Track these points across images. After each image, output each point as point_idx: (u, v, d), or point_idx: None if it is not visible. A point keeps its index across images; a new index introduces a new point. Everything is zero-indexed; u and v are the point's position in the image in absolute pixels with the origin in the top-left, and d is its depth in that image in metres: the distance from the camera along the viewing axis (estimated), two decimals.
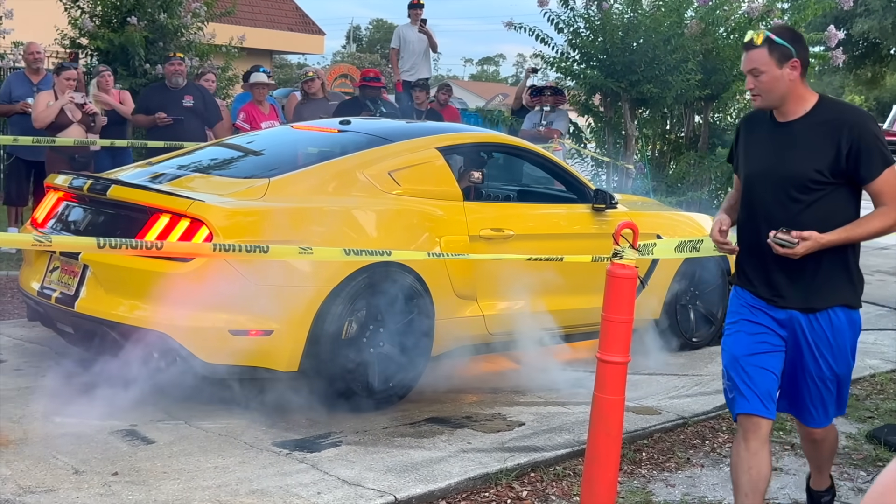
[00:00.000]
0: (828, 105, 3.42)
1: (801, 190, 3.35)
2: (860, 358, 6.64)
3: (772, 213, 3.41)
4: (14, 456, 4.15)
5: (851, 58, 28.63)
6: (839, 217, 3.35)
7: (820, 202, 3.35)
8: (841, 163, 3.30)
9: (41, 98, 8.58)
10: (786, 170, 3.38)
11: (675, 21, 10.82)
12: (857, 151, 3.28)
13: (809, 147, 3.35)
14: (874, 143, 3.30)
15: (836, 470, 4.59)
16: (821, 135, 3.34)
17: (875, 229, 3.35)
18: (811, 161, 3.34)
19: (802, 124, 3.39)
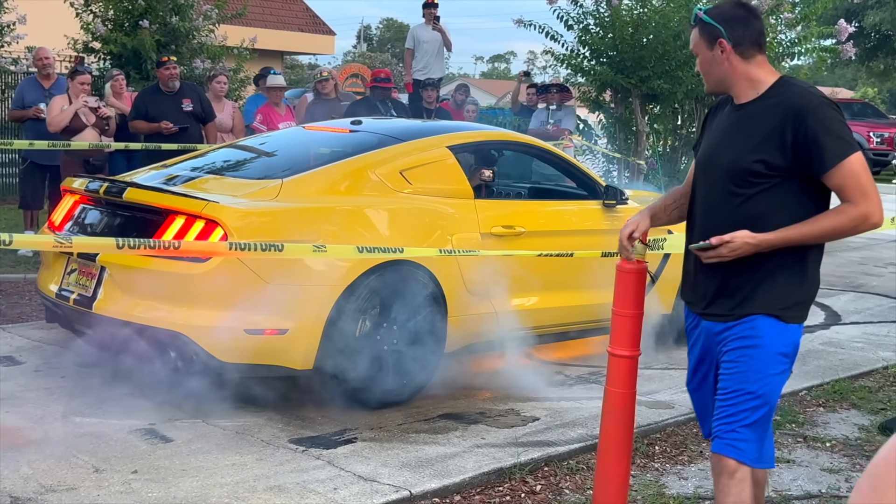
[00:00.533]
0: (780, 88, 2.99)
1: (739, 182, 2.96)
2: (873, 350, 6.72)
3: (708, 208, 3.07)
4: (35, 455, 4.22)
5: (863, 50, 28.54)
6: (786, 215, 2.93)
7: (759, 197, 2.95)
8: (786, 154, 2.90)
9: (55, 102, 8.67)
10: (725, 159, 3.01)
11: (684, 16, 10.81)
12: (803, 141, 2.87)
13: (751, 135, 2.96)
14: (826, 131, 2.86)
15: (849, 461, 4.62)
16: (764, 121, 2.95)
17: (824, 230, 2.90)
18: (752, 150, 2.95)
19: (750, 109, 3.01)
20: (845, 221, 2.89)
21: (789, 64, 12.36)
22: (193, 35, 12.28)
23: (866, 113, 24.21)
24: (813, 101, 2.90)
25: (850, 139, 2.92)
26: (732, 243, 2.91)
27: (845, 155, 2.87)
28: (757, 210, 2.95)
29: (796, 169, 2.92)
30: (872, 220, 2.89)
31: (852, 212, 2.89)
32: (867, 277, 9.92)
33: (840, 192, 2.91)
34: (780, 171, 2.92)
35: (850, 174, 2.88)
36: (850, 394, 5.70)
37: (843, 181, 2.89)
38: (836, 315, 7.97)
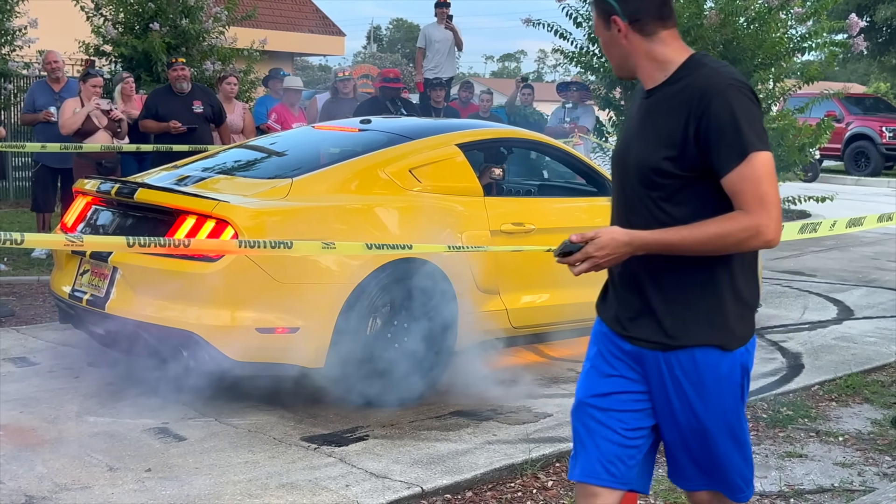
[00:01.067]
0: (688, 69, 2.51)
1: (649, 184, 2.50)
2: (885, 344, 6.69)
3: (623, 214, 2.61)
4: (50, 455, 4.25)
5: (875, 45, 28.37)
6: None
7: (673, 202, 2.49)
8: (689, 148, 2.42)
9: (68, 105, 8.71)
10: (633, 157, 2.56)
11: (694, 12, 10.81)
12: (706, 133, 2.40)
13: (658, 127, 2.50)
14: (730, 121, 2.38)
15: (862, 455, 4.62)
16: (670, 110, 2.48)
17: (709, 237, 2.40)
18: (659, 145, 2.48)
19: (658, 96, 2.55)
20: (734, 230, 2.39)
21: (800, 59, 12.34)
22: (203, 37, 12.32)
23: (878, 108, 24.09)
24: (720, 83, 2.42)
25: (759, 133, 2.41)
26: (599, 239, 2.45)
27: (747, 152, 2.38)
28: (673, 217, 2.47)
29: (707, 167, 2.44)
30: (765, 237, 2.39)
31: (743, 221, 2.39)
32: (880, 272, 9.88)
33: (735, 198, 2.40)
34: (691, 170, 2.45)
35: (749, 177, 2.38)
36: (863, 388, 5.68)
37: (741, 185, 2.38)
38: (848, 310, 7.95)
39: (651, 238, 2.44)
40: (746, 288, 2.56)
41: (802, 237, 4.53)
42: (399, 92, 10.57)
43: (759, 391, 5.54)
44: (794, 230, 4.45)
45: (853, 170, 22.50)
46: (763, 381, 5.76)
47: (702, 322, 2.51)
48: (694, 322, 2.51)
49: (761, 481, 4.26)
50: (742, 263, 2.55)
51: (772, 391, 5.56)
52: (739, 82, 2.44)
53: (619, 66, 2.64)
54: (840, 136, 21.71)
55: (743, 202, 2.39)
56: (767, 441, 4.78)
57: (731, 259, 2.51)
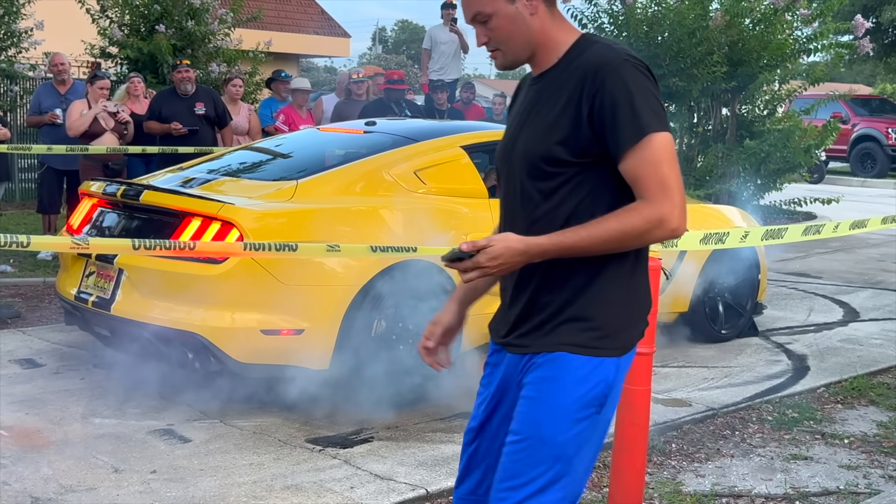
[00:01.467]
0: (580, 48, 2.29)
1: (537, 174, 2.28)
2: (891, 346, 6.68)
3: (510, 214, 2.38)
4: (56, 456, 4.26)
5: (881, 46, 28.32)
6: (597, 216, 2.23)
7: (563, 193, 2.26)
8: (583, 130, 2.21)
9: (75, 107, 8.73)
10: (521, 145, 2.33)
11: (699, 14, 10.81)
12: (600, 112, 2.18)
13: (548, 110, 2.28)
14: (626, 99, 2.17)
15: (867, 458, 4.61)
16: (561, 91, 2.26)
17: (610, 234, 2.18)
18: (549, 130, 2.26)
19: (548, 78, 2.32)
20: (637, 223, 2.16)
21: (806, 60, 12.33)
22: (209, 39, 12.34)
23: (884, 109, 24.06)
24: (615, 59, 2.21)
25: (657, 112, 2.21)
26: (491, 249, 2.17)
27: (644, 132, 2.16)
28: (562, 212, 2.26)
29: (602, 151, 2.23)
30: (670, 225, 2.18)
31: (645, 211, 2.16)
32: (886, 274, 9.86)
33: (634, 184, 2.20)
34: (584, 156, 2.23)
35: (648, 160, 2.17)
36: (869, 390, 5.67)
37: (640, 169, 2.17)
38: (854, 312, 7.94)
39: (548, 244, 2.19)
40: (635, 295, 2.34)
41: (807, 239, 4.53)
42: (404, 94, 10.57)
43: (765, 393, 5.54)
44: (798, 232, 4.45)
45: (859, 171, 22.47)
46: (768, 384, 5.75)
47: (579, 325, 2.28)
48: (571, 324, 2.28)
49: (766, 484, 4.26)
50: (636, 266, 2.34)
51: (777, 393, 5.55)
52: (635, 58, 2.23)
53: (524, 46, 2.30)
54: (846, 138, 21.70)
55: (643, 188, 2.18)
56: (773, 443, 4.78)
57: (626, 260, 2.30)
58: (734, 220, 6.90)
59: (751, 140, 11.43)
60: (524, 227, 2.27)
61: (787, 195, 12.46)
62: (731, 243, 4.37)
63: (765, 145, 11.25)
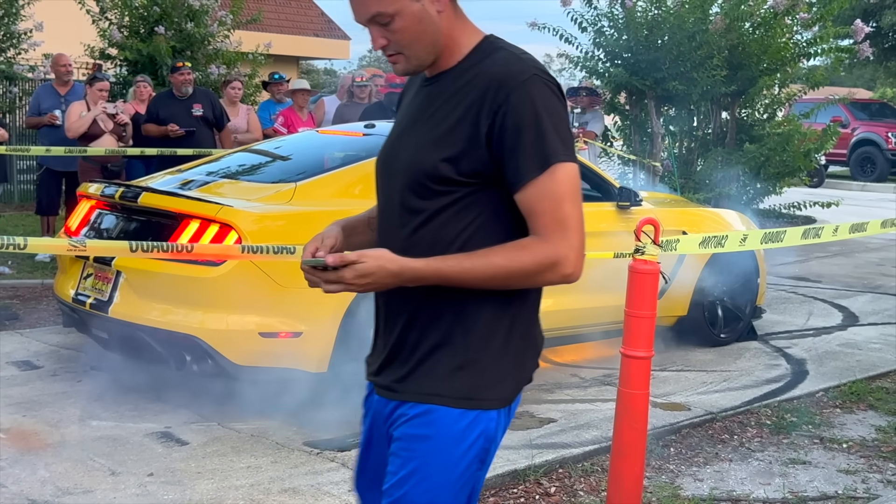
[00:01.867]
0: (482, 51, 2.02)
1: (420, 191, 2.00)
2: (890, 351, 6.67)
3: (385, 230, 2.11)
4: (52, 458, 4.25)
5: (881, 50, 28.36)
6: (488, 243, 1.96)
7: (448, 216, 1.99)
8: (478, 150, 1.94)
9: (74, 109, 8.73)
10: (404, 158, 2.05)
11: (699, 17, 10.81)
12: (501, 133, 1.92)
13: (439, 121, 2.00)
14: (535, 124, 1.91)
15: (866, 462, 4.60)
16: (458, 101, 1.98)
17: (495, 269, 1.92)
18: (436, 144, 1.98)
19: (441, 84, 2.04)
20: (526, 262, 1.92)
21: (806, 64, 12.33)
22: (208, 41, 12.35)
23: (884, 113, 24.07)
24: (523, 73, 1.93)
25: (565, 140, 1.94)
26: (361, 266, 1.90)
27: (550, 162, 1.91)
28: (444, 236, 1.99)
29: (496, 174, 1.97)
30: (564, 270, 1.93)
31: (538, 251, 1.92)
32: (885, 278, 9.85)
33: (530, 219, 1.94)
34: (476, 176, 1.96)
35: (550, 194, 1.91)
36: (867, 395, 5.66)
37: (539, 202, 1.92)
38: (853, 316, 7.93)
39: (425, 269, 1.93)
40: (522, 336, 2.07)
41: (806, 242, 4.52)
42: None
43: (764, 397, 5.53)
44: (797, 235, 4.44)
45: (859, 175, 22.48)
46: (767, 388, 5.74)
47: (453, 371, 2.00)
48: (444, 369, 2.00)
49: (765, 488, 4.25)
50: (525, 303, 2.05)
51: (776, 397, 5.55)
52: (544, 73, 1.96)
53: (423, 53, 2.01)
54: (846, 142, 21.71)
55: (539, 225, 1.92)
56: (771, 448, 4.77)
57: (514, 296, 2.02)
58: (733, 223, 6.90)
59: (750, 144, 11.42)
60: (399, 248, 1.97)
61: (787, 199, 12.45)
62: (730, 247, 4.36)
63: (764, 149, 11.25)
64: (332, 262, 1.91)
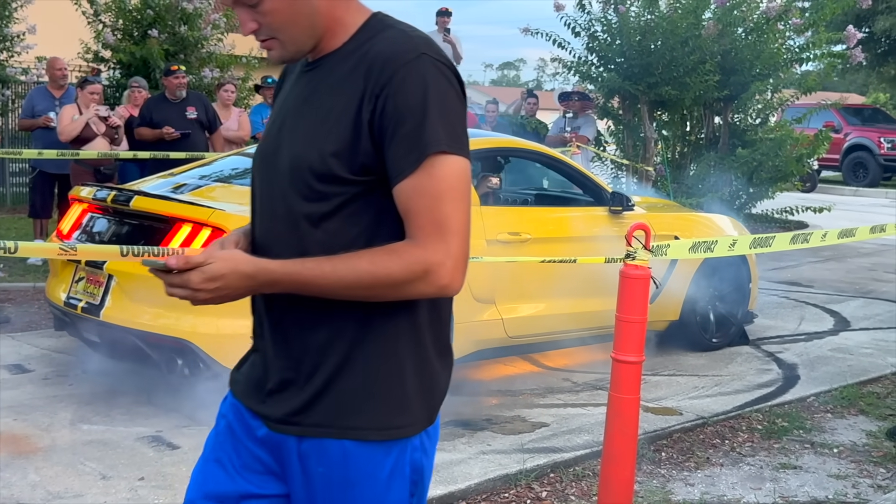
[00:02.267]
0: (370, 29, 1.78)
1: (307, 194, 1.75)
2: (881, 356, 6.69)
3: (268, 238, 1.84)
4: (43, 462, 4.24)
5: (874, 56, 28.44)
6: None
7: (337, 220, 1.74)
8: (363, 140, 1.70)
9: (66, 112, 8.72)
10: (286, 154, 1.79)
11: (692, 23, 10.84)
12: (381, 119, 1.68)
13: (323, 111, 1.76)
14: (420, 109, 1.66)
15: (856, 467, 4.61)
16: (342, 87, 1.74)
17: (358, 274, 1.67)
18: (323, 137, 1.73)
19: (325, 67, 1.80)
20: (394, 269, 1.66)
21: (798, 69, 12.37)
22: (202, 44, 12.35)
23: (877, 119, 24.15)
24: (409, 52, 1.69)
25: (453, 130, 1.69)
26: (210, 268, 1.66)
27: (427, 152, 1.67)
28: (336, 243, 1.73)
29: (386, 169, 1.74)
30: (439, 280, 1.67)
31: (408, 256, 1.67)
32: (877, 283, 9.89)
33: (406, 219, 1.70)
34: (367, 173, 1.72)
35: (426, 191, 1.67)
36: (859, 400, 5.68)
37: (413, 200, 1.68)
38: (845, 321, 7.95)
39: (281, 272, 1.68)
40: (435, 349, 1.83)
41: (794, 247, 4.54)
42: None
43: (755, 402, 5.55)
44: (786, 241, 4.46)
45: (851, 180, 22.54)
46: (759, 392, 5.76)
47: (362, 398, 1.75)
48: (351, 396, 1.75)
49: (755, 493, 4.26)
50: (432, 311, 1.81)
51: (767, 402, 5.56)
52: (437, 53, 1.72)
53: (301, 37, 1.77)
54: (838, 147, 21.76)
55: (414, 227, 1.68)
56: (762, 452, 4.78)
57: (424, 306, 1.78)
58: (725, 228, 6.92)
59: (743, 149, 11.46)
60: (291, 255, 1.74)
61: (780, 204, 12.49)
62: (719, 252, 4.37)
63: (757, 154, 11.29)
64: (174, 263, 1.68)
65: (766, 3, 11.19)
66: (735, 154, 11.48)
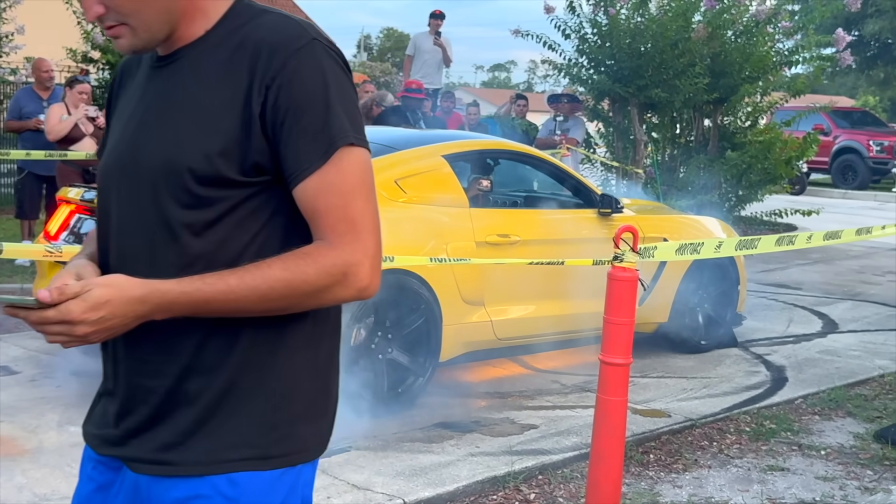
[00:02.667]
0: (241, 16, 1.60)
1: (184, 200, 1.54)
2: (869, 358, 6.71)
3: (128, 255, 1.61)
4: (30, 465, 4.22)
5: (863, 59, 28.60)
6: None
7: (223, 228, 1.55)
8: (254, 139, 1.52)
9: (54, 111, 8.69)
10: (153, 157, 1.57)
11: (681, 25, 10.87)
12: (274, 112, 1.51)
13: (198, 108, 1.56)
14: (319, 98, 1.52)
15: (844, 469, 4.62)
16: (220, 78, 1.55)
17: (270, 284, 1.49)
18: (202, 136, 1.53)
19: (190, 59, 1.60)
20: (310, 274, 1.50)
21: (788, 72, 12.43)
22: None
23: (866, 121, 24.25)
24: (299, 38, 1.53)
25: (354, 120, 1.55)
26: (90, 295, 1.44)
27: (336, 145, 1.52)
28: (224, 255, 1.54)
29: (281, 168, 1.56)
30: (358, 282, 1.53)
31: (324, 259, 1.51)
32: (865, 286, 9.92)
33: (313, 221, 1.54)
34: (259, 173, 1.54)
35: (335, 187, 1.52)
36: (846, 402, 5.70)
37: (322, 199, 1.52)
38: (833, 323, 7.98)
39: (178, 292, 1.48)
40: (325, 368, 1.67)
41: (780, 249, 4.55)
42: (421, 104, 10.50)
43: (743, 404, 5.56)
44: (772, 243, 4.47)
45: (840, 183, 22.63)
46: (747, 395, 5.77)
47: (244, 426, 1.57)
48: (231, 426, 1.56)
49: (743, 495, 4.27)
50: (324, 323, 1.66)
51: (755, 404, 5.57)
52: (326, 39, 1.57)
53: (154, 23, 1.56)
54: (827, 150, 21.85)
55: (324, 227, 1.52)
56: (750, 454, 4.79)
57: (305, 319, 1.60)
58: (714, 230, 6.93)
59: (732, 151, 11.49)
60: (148, 268, 1.55)
61: (769, 206, 12.53)
62: (705, 253, 4.38)
63: (746, 157, 11.32)
64: (48, 297, 1.42)
65: (756, 7, 11.23)
66: (724, 156, 11.51)
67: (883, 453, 4.85)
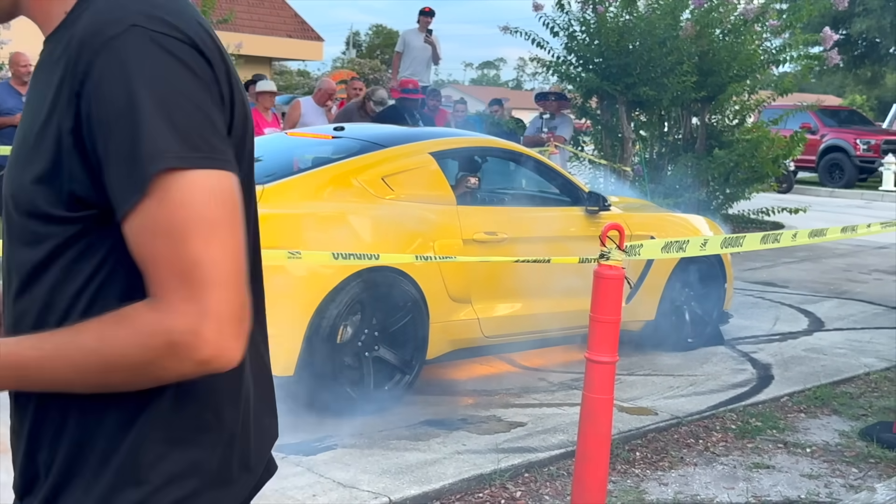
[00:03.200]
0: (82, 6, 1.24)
1: (21, 235, 1.27)
2: (855, 356, 6.74)
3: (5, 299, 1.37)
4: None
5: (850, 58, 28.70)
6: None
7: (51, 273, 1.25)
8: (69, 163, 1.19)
9: None
10: (6, 181, 1.32)
11: (669, 23, 10.88)
12: (88, 130, 1.16)
13: (26, 127, 1.28)
14: (125, 109, 1.14)
15: (829, 467, 4.64)
16: (42, 91, 1.25)
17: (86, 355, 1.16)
18: (26, 162, 1.25)
19: (41, 58, 1.32)
20: (127, 343, 1.15)
21: (775, 71, 12.45)
22: None
23: (853, 120, 24.35)
24: (113, 26, 1.18)
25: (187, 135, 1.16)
26: None
27: (148, 174, 1.14)
28: (56, 302, 1.25)
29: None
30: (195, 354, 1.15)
31: (144, 323, 1.15)
32: (851, 284, 9.96)
33: (142, 270, 1.17)
34: (81, 206, 1.21)
35: (158, 227, 1.15)
36: (832, 400, 5.72)
37: (145, 244, 1.16)
38: (819, 321, 8.00)
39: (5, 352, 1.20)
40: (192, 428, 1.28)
41: (765, 247, 4.56)
42: (417, 103, 10.46)
43: (729, 402, 5.57)
44: (756, 241, 4.48)
45: (827, 181, 22.71)
46: (733, 392, 5.78)
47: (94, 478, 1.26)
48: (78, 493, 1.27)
49: (728, 493, 4.28)
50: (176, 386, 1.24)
51: (741, 402, 5.58)
52: (158, 22, 1.19)
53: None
54: (814, 148, 21.93)
55: (152, 280, 1.16)
56: (736, 452, 4.80)
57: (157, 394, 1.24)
58: (701, 229, 6.94)
59: (720, 149, 11.51)
60: (9, 324, 1.33)
61: (756, 205, 12.56)
62: (691, 251, 4.39)
63: (733, 155, 11.34)
64: None
65: (744, 5, 11.24)
66: (712, 155, 11.52)
67: (868, 451, 4.86)
